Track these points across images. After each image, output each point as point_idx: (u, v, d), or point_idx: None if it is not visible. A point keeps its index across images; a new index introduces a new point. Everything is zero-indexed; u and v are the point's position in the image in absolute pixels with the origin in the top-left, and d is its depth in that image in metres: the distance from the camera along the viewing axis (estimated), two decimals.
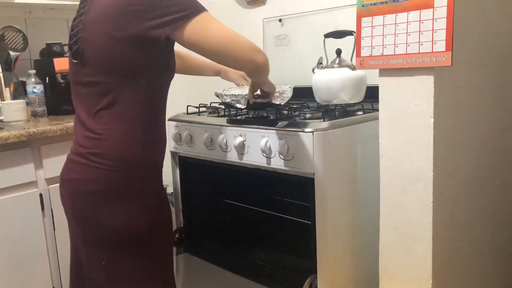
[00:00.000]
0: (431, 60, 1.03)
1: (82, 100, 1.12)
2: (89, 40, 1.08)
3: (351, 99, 1.54)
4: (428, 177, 1.09)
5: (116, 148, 1.07)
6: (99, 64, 1.07)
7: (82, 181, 1.09)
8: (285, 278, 1.48)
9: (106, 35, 1.04)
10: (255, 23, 2.20)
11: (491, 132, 1.32)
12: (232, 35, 1.06)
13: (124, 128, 1.07)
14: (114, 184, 1.07)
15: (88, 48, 1.08)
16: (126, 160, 1.07)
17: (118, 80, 1.06)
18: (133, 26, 1.01)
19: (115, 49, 1.04)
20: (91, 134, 1.08)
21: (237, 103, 1.52)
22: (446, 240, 1.18)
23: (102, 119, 1.07)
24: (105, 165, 1.06)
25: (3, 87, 1.92)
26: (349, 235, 1.38)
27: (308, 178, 1.28)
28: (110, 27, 1.04)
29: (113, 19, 1.03)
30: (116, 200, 1.08)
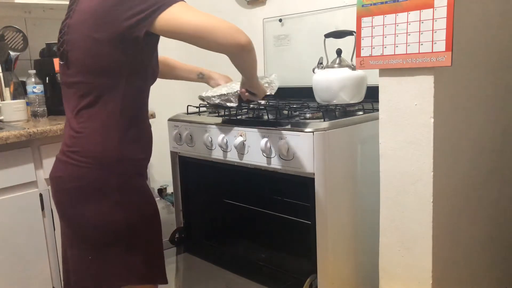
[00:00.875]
0: (431, 60, 1.03)
1: (67, 100, 1.15)
2: (73, 41, 1.11)
3: (351, 99, 1.54)
4: (428, 177, 1.09)
5: (92, 145, 1.09)
6: (81, 65, 1.09)
7: (63, 179, 1.12)
8: (285, 278, 1.48)
9: (87, 36, 1.07)
10: (255, 23, 2.20)
11: (491, 132, 1.32)
12: (210, 18, 1.05)
13: (101, 126, 1.09)
14: (90, 181, 1.09)
15: (71, 50, 1.11)
16: (102, 157, 1.09)
17: (99, 80, 1.08)
18: (112, 26, 1.03)
19: (96, 50, 1.06)
20: (72, 133, 1.11)
21: (227, 102, 1.47)
22: (446, 240, 1.18)
23: (82, 118, 1.10)
24: (83, 163, 1.09)
25: (3, 87, 1.92)
26: (349, 235, 1.38)
27: (308, 178, 1.28)
28: (91, 29, 1.06)
29: (93, 20, 1.06)
30: (94, 197, 1.10)
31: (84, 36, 1.08)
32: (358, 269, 1.43)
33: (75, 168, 1.10)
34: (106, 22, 1.04)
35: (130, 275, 1.14)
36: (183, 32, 1.04)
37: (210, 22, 1.05)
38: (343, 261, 1.37)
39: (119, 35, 1.03)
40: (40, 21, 2.17)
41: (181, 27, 1.04)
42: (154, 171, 2.47)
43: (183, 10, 1.05)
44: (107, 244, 1.12)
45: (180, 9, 1.05)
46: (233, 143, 1.44)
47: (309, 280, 1.32)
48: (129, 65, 1.08)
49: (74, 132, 1.11)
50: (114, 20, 1.03)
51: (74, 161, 1.09)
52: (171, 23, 1.03)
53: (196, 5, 2.75)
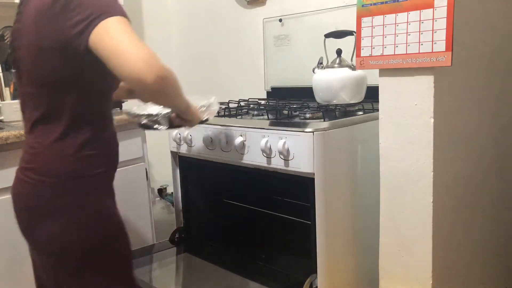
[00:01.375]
0: (431, 60, 1.03)
1: (23, 111, 1.09)
2: (20, 49, 1.04)
3: (351, 99, 1.54)
4: (428, 177, 1.09)
5: (45, 162, 1.02)
6: (30, 75, 1.03)
7: (21, 197, 1.07)
8: (285, 278, 1.48)
9: (31, 44, 0.99)
10: (255, 23, 2.20)
11: (491, 132, 1.32)
12: (124, 43, 0.89)
13: (55, 141, 1.02)
14: (46, 200, 1.03)
15: (20, 58, 1.04)
16: (54, 175, 1.02)
17: (48, 92, 1.01)
18: (55, 33, 0.94)
19: (40, 59, 0.98)
20: (28, 148, 1.05)
21: (155, 124, 1.23)
22: (446, 240, 1.18)
23: (36, 132, 1.04)
24: (36, 180, 1.02)
25: (3, 87, 1.92)
26: (349, 235, 1.38)
27: (308, 178, 1.28)
28: (34, 36, 0.98)
29: (36, 26, 0.97)
30: (50, 217, 1.03)
31: (28, 43, 0.99)
32: (358, 269, 1.43)
33: (30, 187, 1.03)
34: (49, 28, 0.95)
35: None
36: (101, 57, 0.91)
37: (123, 47, 0.88)
38: (343, 261, 1.36)
39: (63, 44, 0.94)
40: None
41: (101, 49, 0.90)
42: (154, 171, 2.47)
43: (112, 27, 0.91)
44: (65, 266, 1.06)
45: (110, 26, 0.91)
46: (233, 143, 1.44)
47: (309, 280, 1.32)
48: (79, 77, 0.99)
49: (29, 147, 1.05)
50: (58, 28, 0.94)
51: (29, 179, 1.03)
52: (94, 42, 0.91)
53: (197, 6, 2.75)
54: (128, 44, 0.89)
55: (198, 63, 2.59)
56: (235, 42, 2.36)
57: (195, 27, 2.56)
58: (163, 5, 2.64)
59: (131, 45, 0.89)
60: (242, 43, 2.32)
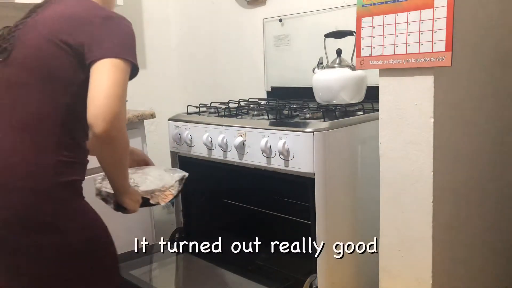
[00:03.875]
0: (431, 60, 1.03)
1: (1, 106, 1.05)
2: (24, 38, 1.04)
3: (351, 99, 1.54)
4: (428, 177, 1.09)
5: (25, 165, 1.00)
6: (26, 64, 1.02)
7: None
8: (285, 278, 1.48)
9: (45, 37, 1.02)
10: (255, 23, 2.20)
11: (491, 132, 1.32)
12: (100, 90, 0.95)
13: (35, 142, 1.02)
14: (23, 209, 1.00)
15: (18, 46, 1.04)
16: (36, 180, 1.00)
17: (42, 85, 1.01)
18: (79, 36, 1.00)
19: (54, 54, 1.01)
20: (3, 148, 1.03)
21: (105, 202, 1.17)
22: (446, 240, 1.18)
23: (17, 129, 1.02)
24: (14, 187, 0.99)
25: None
26: (349, 235, 1.38)
27: (308, 178, 1.28)
28: (56, 31, 1.01)
29: (63, 24, 1.02)
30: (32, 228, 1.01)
31: (43, 36, 1.02)
32: (358, 269, 1.43)
33: (4, 194, 0.97)
34: (76, 30, 1.00)
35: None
36: (91, 77, 0.98)
37: (97, 94, 0.95)
38: (343, 261, 1.36)
39: (80, 49, 1.00)
40: None
41: (90, 79, 0.98)
42: None
43: (111, 69, 0.97)
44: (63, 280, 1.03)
45: (110, 64, 0.98)
46: (233, 143, 1.44)
47: (309, 280, 1.32)
48: (77, 84, 1.02)
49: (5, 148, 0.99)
50: (83, 34, 1.00)
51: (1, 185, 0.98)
52: (93, 71, 0.98)
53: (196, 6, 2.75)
54: (107, 89, 0.95)
55: (198, 63, 2.59)
56: (235, 42, 2.36)
57: (195, 27, 2.56)
58: (163, 5, 2.64)
59: (108, 91, 0.94)
60: (242, 43, 2.32)
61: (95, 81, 0.96)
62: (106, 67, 0.97)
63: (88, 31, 1.00)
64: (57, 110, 1.02)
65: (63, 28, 1.02)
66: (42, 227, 0.99)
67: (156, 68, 2.54)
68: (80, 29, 1.01)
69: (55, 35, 1.01)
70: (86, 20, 1.02)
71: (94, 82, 0.96)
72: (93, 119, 0.94)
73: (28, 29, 1.06)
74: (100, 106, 0.93)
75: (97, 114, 0.93)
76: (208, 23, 2.48)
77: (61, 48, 1.01)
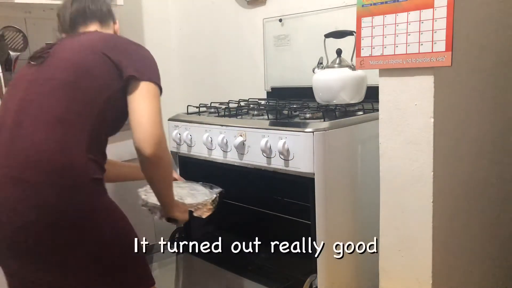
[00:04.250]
0: (431, 60, 1.03)
1: (35, 102, 1.09)
2: (62, 49, 1.13)
3: (351, 99, 1.54)
4: (428, 177, 1.09)
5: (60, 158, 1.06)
6: (68, 63, 1.09)
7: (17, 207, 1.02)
8: (285, 278, 1.48)
9: (85, 47, 1.12)
10: (255, 23, 2.20)
11: (491, 132, 1.32)
12: (144, 116, 1.07)
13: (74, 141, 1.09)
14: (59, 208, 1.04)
15: (55, 54, 1.12)
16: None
17: (74, 81, 1.07)
18: (118, 55, 1.11)
19: (90, 56, 1.10)
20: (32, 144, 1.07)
21: (153, 213, 1.34)
22: (446, 240, 1.18)
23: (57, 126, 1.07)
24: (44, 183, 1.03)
25: (3, 87, 1.92)
26: (349, 235, 1.38)
27: (308, 178, 1.28)
28: (95, 45, 1.12)
29: (100, 43, 1.14)
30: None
31: (83, 46, 1.13)
32: (358, 269, 1.43)
33: (36, 190, 0.98)
34: (117, 49, 1.13)
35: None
36: (130, 102, 1.09)
37: (145, 116, 1.07)
38: (343, 261, 1.36)
39: (119, 65, 1.10)
40: (40, 21, 2.17)
41: (132, 105, 1.09)
42: None
43: (144, 91, 1.10)
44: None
45: (144, 89, 1.10)
46: (233, 143, 1.44)
47: (309, 280, 1.32)
48: (112, 88, 1.10)
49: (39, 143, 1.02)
50: (123, 56, 1.12)
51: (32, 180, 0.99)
52: (134, 95, 1.09)
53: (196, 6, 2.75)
54: (149, 116, 1.07)
55: (198, 63, 2.59)
56: (235, 42, 2.36)
57: (195, 27, 2.56)
58: (163, 5, 2.64)
59: (151, 118, 1.07)
60: (242, 43, 2.32)
61: (137, 106, 1.08)
62: (145, 92, 1.09)
63: (124, 52, 1.12)
64: (90, 110, 1.07)
65: (102, 45, 1.13)
66: (77, 222, 1.01)
67: None
68: (117, 49, 1.12)
69: (95, 48, 1.11)
70: (121, 44, 1.15)
71: (137, 107, 1.08)
72: (141, 144, 1.06)
73: (65, 44, 1.15)
74: (146, 132, 1.05)
75: (144, 140, 1.05)
76: (208, 23, 2.47)
77: (101, 56, 1.09)
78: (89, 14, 1.26)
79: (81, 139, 1.04)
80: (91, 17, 1.27)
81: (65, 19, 1.26)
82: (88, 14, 1.26)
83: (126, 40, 1.19)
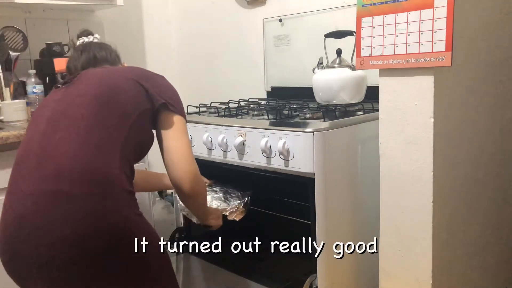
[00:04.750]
0: (431, 60, 1.03)
1: (76, 109, 1.10)
2: (90, 73, 1.18)
3: (352, 99, 1.54)
4: (428, 177, 1.09)
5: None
6: (96, 82, 1.12)
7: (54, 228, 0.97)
8: (285, 278, 1.48)
9: (113, 72, 1.18)
10: (255, 23, 2.20)
11: (491, 132, 1.32)
12: (179, 154, 1.13)
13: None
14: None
15: (84, 76, 1.15)
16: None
17: (105, 95, 1.09)
18: (146, 83, 1.15)
19: (120, 78, 1.14)
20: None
21: (191, 217, 1.51)
22: (446, 240, 1.18)
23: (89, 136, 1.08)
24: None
25: (3, 87, 1.92)
26: (349, 235, 1.38)
27: (308, 178, 1.28)
28: (123, 71, 1.18)
29: (128, 70, 1.19)
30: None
31: (111, 71, 1.18)
32: (358, 269, 1.43)
33: (70, 201, 0.94)
34: (144, 78, 1.16)
35: None
36: (161, 138, 1.15)
37: (181, 153, 1.13)
38: (343, 261, 1.36)
39: (150, 93, 1.14)
40: (40, 21, 2.17)
41: (166, 139, 1.14)
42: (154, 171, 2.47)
43: (179, 126, 1.16)
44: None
45: (178, 124, 1.16)
46: (233, 143, 1.44)
47: (309, 280, 1.32)
48: (142, 106, 1.12)
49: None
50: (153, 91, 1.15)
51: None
52: (163, 126, 1.15)
53: (196, 6, 2.74)
54: (185, 154, 1.13)
55: (198, 63, 2.59)
56: (235, 42, 2.36)
57: (195, 27, 2.56)
58: (163, 5, 2.64)
59: (187, 156, 1.13)
60: (242, 43, 2.32)
61: (172, 144, 1.13)
62: (179, 127, 1.15)
63: (152, 81, 1.16)
64: (123, 124, 1.07)
65: (130, 72, 1.17)
66: (114, 233, 0.97)
67: (156, 68, 2.51)
68: (145, 77, 1.16)
69: (125, 74, 1.15)
70: (148, 74, 1.19)
71: (172, 145, 1.13)
72: (178, 182, 1.12)
73: (93, 71, 1.19)
74: (183, 170, 1.12)
75: (181, 178, 1.11)
76: (208, 23, 2.48)
77: (132, 81, 1.13)
78: (100, 60, 1.31)
79: (114, 151, 1.03)
80: (101, 62, 1.31)
81: (76, 69, 1.29)
82: (99, 60, 1.31)
83: (150, 71, 1.23)
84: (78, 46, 1.36)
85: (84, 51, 1.32)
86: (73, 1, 2.03)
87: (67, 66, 1.33)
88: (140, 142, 1.15)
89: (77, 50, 1.33)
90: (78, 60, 1.30)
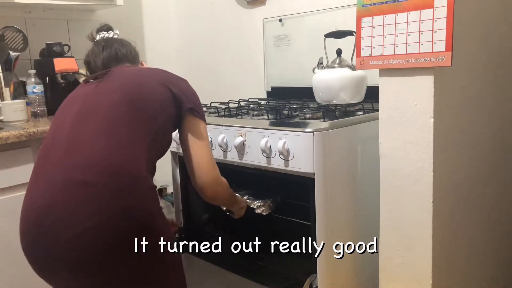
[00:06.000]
0: (431, 60, 1.03)
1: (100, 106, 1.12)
2: (124, 70, 1.21)
3: (351, 99, 1.54)
4: (428, 177, 1.09)
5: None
6: (127, 80, 1.15)
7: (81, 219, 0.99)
8: (285, 278, 1.48)
9: (141, 73, 1.20)
10: (255, 23, 2.20)
11: (491, 132, 1.32)
12: (203, 159, 1.19)
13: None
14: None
15: (118, 73, 1.18)
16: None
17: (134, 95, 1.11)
18: (173, 87, 1.17)
19: (149, 81, 1.16)
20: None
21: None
22: (446, 240, 1.18)
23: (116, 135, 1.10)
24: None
25: (3, 87, 1.92)
26: (349, 235, 1.38)
27: (308, 178, 1.28)
28: (150, 74, 1.19)
29: (155, 72, 1.21)
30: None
31: (139, 72, 1.21)
32: (358, 269, 1.43)
33: (98, 195, 0.95)
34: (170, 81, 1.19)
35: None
36: (186, 145, 1.20)
37: (204, 158, 1.20)
38: (343, 261, 1.36)
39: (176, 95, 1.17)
40: (40, 21, 2.17)
41: (191, 143, 1.19)
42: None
43: (202, 133, 1.21)
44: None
45: (202, 130, 1.21)
46: (233, 143, 1.44)
47: (309, 280, 1.32)
48: (167, 110, 1.15)
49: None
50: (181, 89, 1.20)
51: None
52: (189, 130, 1.19)
53: (196, 6, 2.74)
54: (208, 161, 1.20)
55: (198, 63, 2.59)
56: (235, 42, 2.36)
57: (195, 27, 2.56)
58: (163, 5, 2.64)
59: (210, 162, 1.20)
60: (242, 43, 2.32)
61: (197, 151, 1.19)
62: (203, 134, 1.20)
63: (178, 86, 1.18)
64: (151, 124, 1.09)
65: (159, 75, 1.19)
66: (140, 227, 0.98)
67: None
68: (172, 82, 1.18)
69: (154, 77, 1.17)
70: (175, 78, 1.21)
71: (197, 152, 1.19)
72: (202, 186, 1.19)
73: (123, 70, 1.21)
74: (207, 176, 1.18)
75: (205, 183, 1.19)
76: (208, 23, 2.48)
77: (161, 84, 1.15)
78: (121, 57, 1.31)
79: (141, 151, 1.05)
80: (123, 59, 1.32)
81: (97, 65, 1.29)
82: (120, 57, 1.31)
83: (175, 75, 1.24)
84: (98, 40, 1.35)
85: (106, 47, 1.31)
86: (73, 1, 2.03)
87: (87, 61, 1.32)
88: (163, 144, 1.19)
89: (98, 45, 1.32)
90: (99, 56, 1.29)
